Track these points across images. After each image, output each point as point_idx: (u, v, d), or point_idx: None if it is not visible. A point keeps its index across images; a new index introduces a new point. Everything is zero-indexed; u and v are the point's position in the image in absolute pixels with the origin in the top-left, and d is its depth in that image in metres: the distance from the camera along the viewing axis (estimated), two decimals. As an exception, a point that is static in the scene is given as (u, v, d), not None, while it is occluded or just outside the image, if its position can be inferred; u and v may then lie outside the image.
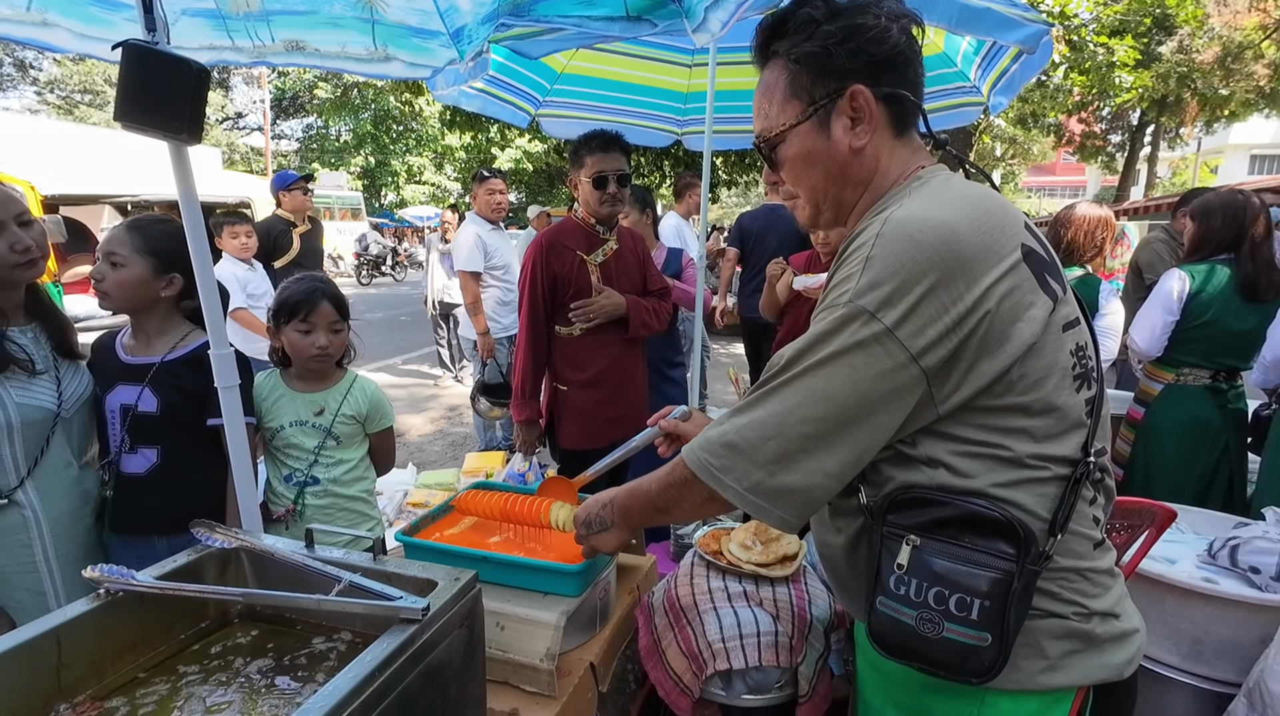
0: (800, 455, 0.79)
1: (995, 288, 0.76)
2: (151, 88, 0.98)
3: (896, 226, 0.78)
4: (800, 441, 0.79)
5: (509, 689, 1.21)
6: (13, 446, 1.38)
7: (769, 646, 1.22)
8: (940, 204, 0.81)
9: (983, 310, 0.76)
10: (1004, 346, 0.77)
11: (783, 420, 0.79)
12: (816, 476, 0.79)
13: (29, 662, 0.81)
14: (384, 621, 0.88)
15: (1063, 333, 0.82)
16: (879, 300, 0.76)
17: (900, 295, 0.75)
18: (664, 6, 1.60)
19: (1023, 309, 0.78)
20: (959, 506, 0.79)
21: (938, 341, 0.76)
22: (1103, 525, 0.87)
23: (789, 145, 0.93)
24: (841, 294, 0.79)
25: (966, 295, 0.75)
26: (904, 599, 0.81)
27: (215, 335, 1.20)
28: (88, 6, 1.64)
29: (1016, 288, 0.77)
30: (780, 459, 0.79)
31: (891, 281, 0.76)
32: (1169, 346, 2.62)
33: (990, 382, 0.78)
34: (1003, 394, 0.78)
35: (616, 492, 1.06)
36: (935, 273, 0.75)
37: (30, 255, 1.36)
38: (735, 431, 0.82)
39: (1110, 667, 0.83)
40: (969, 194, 0.84)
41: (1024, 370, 0.78)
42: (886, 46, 0.86)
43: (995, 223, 0.80)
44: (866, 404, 0.77)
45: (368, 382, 1.88)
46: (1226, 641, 1.94)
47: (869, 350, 0.76)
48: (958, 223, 0.77)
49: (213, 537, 1.04)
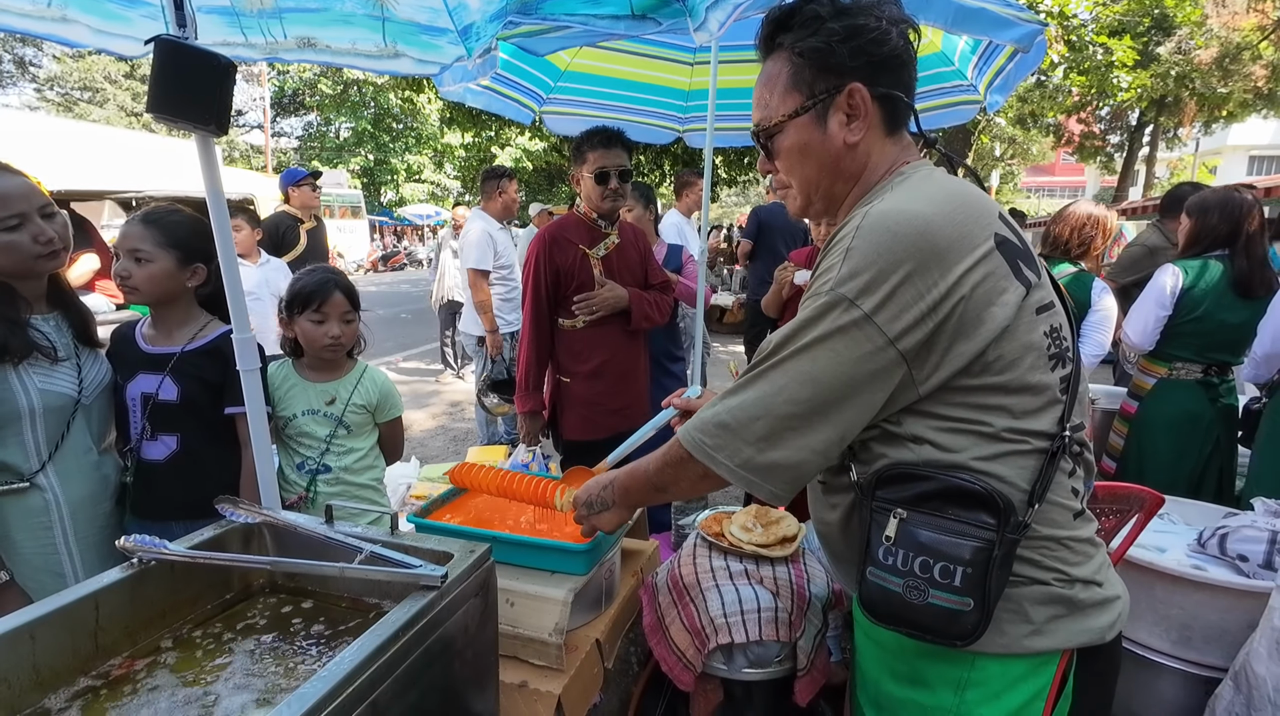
0: (788, 433, 0.84)
1: (969, 275, 0.81)
2: (182, 81, 1.03)
3: (875, 219, 0.83)
4: (787, 420, 0.84)
5: (518, 662, 1.26)
6: (35, 431, 1.42)
7: (769, 621, 1.27)
8: (918, 197, 0.86)
9: (957, 296, 0.81)
10: (979, 329, 0.82)
11: (771, 401, 0.84)
12: (803, 452, 0.84)
13: (70, 624, 0.86)
14: (403, 592, 0.93)
15: (1036, 315, 0.87)
16: (858, 288, 0.81)
17: (878, 283, 0.80)
18: (668, 5, 1.64)
19: (996, 294, 0.83)
20: (942, 481, 0.84)
21: (914, 325, 0.81)
22: (1082, 496, 0.92)
23: (786, 135, 0.97)
24: (824, 283, 0.84)
25: (941, 282, 0.80)
26: (892, 568, 0.86)
27: (238, 320, 1.24)
28: (105, 3, 1.68)
29: (990, 274, 0.82)
30: (769, 437, 0.84)
31: (869, 270, 0.81)
32: (1162, 341, 2.66)
33: (968, 363, 0.82)
34: (980, 373, 0.83)
35: (616, 474, 1.11)
36: (911, 262, 0.80)
37: (53, 247, 1.40)
38: (727, 412, 0.87)
39: (1092, 631, 0.87)
40: (946, 187, 0.89)
41: (1000, 351, 0.83)
42: (886, 48, 0.90)
43: (969, 214, 0.85)
44: (849, 385, 0.82)
45: (377, 373, 1.92)
46: (1214, 627, 1.99)
47: (849, 335, 0.81)
48: (933, 215, 0.82)
49: (236, 513, 1.09)
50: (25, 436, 1.41)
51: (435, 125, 20.74)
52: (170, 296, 1.60)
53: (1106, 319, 2.66)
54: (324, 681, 0.72)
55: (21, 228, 1.34)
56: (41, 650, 0.82)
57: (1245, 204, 2.53)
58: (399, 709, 0.83)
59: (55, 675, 0.84)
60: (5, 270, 1.37)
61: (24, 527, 1.42)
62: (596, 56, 3.20)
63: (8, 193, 1.34)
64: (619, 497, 1.10)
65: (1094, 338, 2.66)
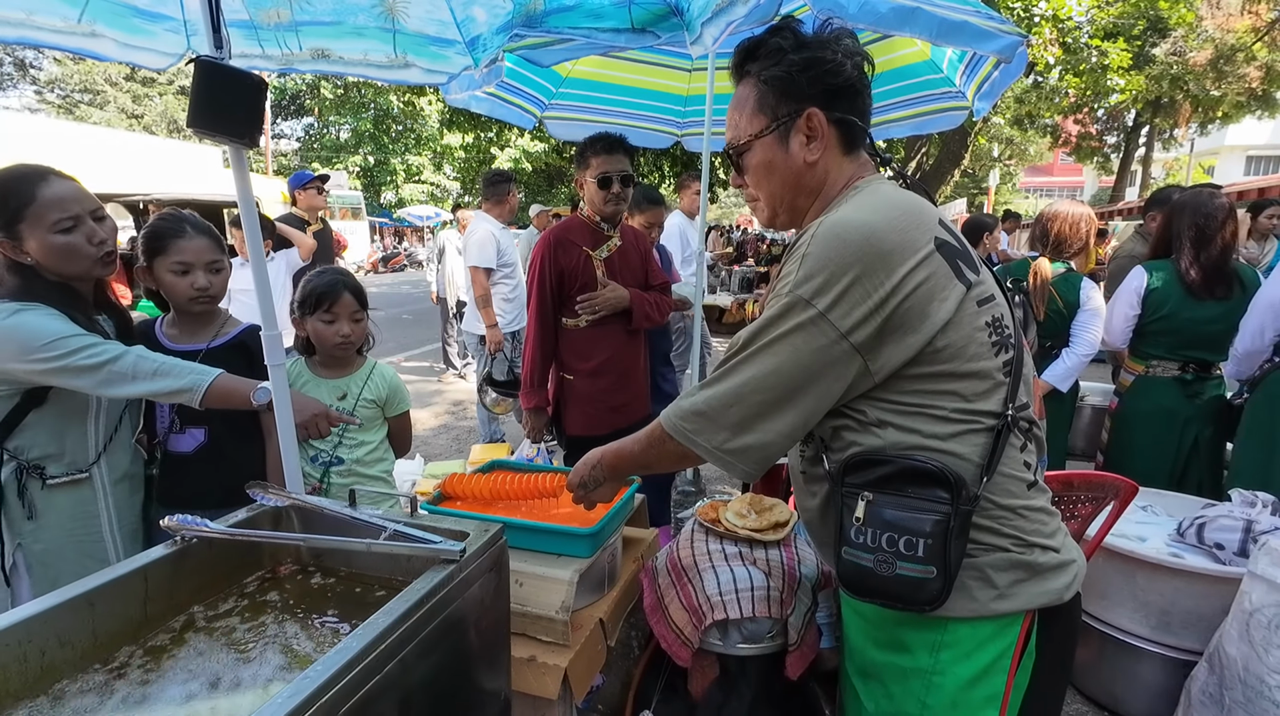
0: (757, 419, 0.95)
1: (912, 275, 0.91)
2: (219, 98, 1.11)
3: (827, 228, 0.94)
4: (757, 407, 0.95)
5: (527, 639, 1.34)
6: (96, 424, 1.49)
7: (761, 599, 1.35)
8: (865, 208, 0.96)
9: (902, 293, 0.91)
10: (924, 323, 0.92)
11: (741, 390, 0.96)
12: (770, 435, 0.96)
13: (124, 593, 0.95)
14: (423, 569, 1.01)
15: (978, 307, 0.97)
16: (813, 289, 0.91)
17: (830, 285, 0.91)
18: (666, 19, 1.74)
19: (938, 291, 0.93)
20: (899, 463, 0.94)
21: (863, 321, 0.91)
22: (1034, 468, 1.02)
23: (753, 154, 1.08)
24: (785, 285, 0.95)
25: (887, 282, 0.90)
26: (863, 546, 0.96)
27: (266, 318, 1.33)
28: (130, 19, 1.76)
29: (931, 274, 0.93)
30: (741, 422, 0.96)
31: (822, 273, 0.91)
32: (1136, 340, 2.76)
33: (916, 353, 0.93)
34: (930, 362, 0.93)
35: (603, 453, 1.21)
36: (859, 265, 0.90)
37: (106, 248, 1.45)
38: (704, 401, 0.99)
39: (1051, 592, 0.97)
40: (890, 198, 1.00)
41: (946, 341, 0.93)
42: (840, 78, 1.01)
43: (911, 221, 0.95)
44: (808, 375, 0.93)
45: (386, 369, 2.00)
46: (1192, 613, 2.07)
47: (806, 331, 0.92)
48: (877, 223, 0.93)
49: (266, 496, 1.17)
50: (89, 428, 1.48)
51: (435, 126, 20.83)
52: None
53: (1095, 317, 2.73)
54: (359, 639, 0.81)
55: (76, 229, 1.39)
56: (99, 616, 0.91)
57: (1214, 207, 2.58)
58: (424, 667, 0.91)
59: (111, 638, 0.93)
60: (65, 272, 1.42)
61: (75, 516, 1.48)
62: (597, 64, 3.29)
63: (63, 196, 1.38)
64: (609, 473, 1.21)
65: (1083, 336, 2.74)
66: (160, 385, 1.36)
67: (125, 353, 1.37)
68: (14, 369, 1.33)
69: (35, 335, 1.31)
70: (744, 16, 1.51)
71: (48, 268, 1.40)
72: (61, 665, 0.87)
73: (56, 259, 1.39)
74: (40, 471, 1.42)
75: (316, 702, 0.72)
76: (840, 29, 1.05)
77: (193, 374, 1.40)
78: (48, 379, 1.35)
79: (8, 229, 1.36)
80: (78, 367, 1.32)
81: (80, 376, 1.33)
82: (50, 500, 1.44)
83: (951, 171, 10.20)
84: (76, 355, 1.32)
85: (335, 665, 0.77)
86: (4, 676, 0.82)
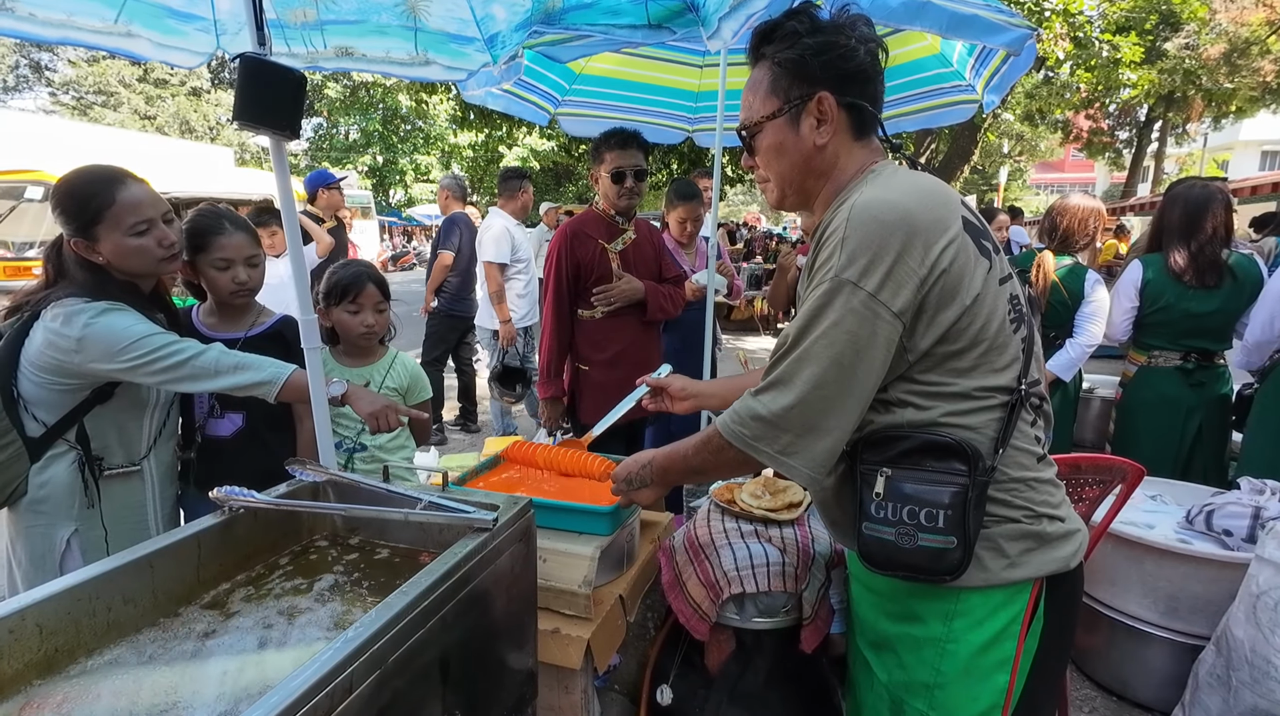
0: (821, 417, 0.93)
1: (946, 251, 0.94)
2: (263, 92, 1.17)
3: (862, 209, 0.94)
4: (821, 403, 0.93)
5: (551, 612, 1.40)
6: (151, 418, 1.56)
7: (776, 575, 1.40)
8: (894, 188, 0.97)
9: (940, 269, 0.93)
10: (956, 298, 0.95)
11: (802, 389, 0.93)
12: (835, 432, 0.94)
13: (180, 557, 1.01)
14: (455, 541, 1.06)
15: (1000, 285, 1.00)
16: (859, 271, 0.91)
17: (876, 265, 0.91)
18: (682, 15, 1.78)
19: (969, 267, 0.96)
20: (917, 438, 0.97)
21: (910, 299, 0.92)
22: (1043, 442, 1.05)
23: (765, 135, 1.10)
24: (827, 272, 0.94)
25: (926, 258, 0.92)
26: (883, 520, 0.98)
27: (303, 303, 1.39)
28: (165, 19, 1.83)
29: (962, 250, 0.96)
30: (805, 423, 0.93)
31: (866, 254, 0.91)
32: (1139, 331, 2.78)
33: (947, 330, 0.95)
34: (957, 339, 0.96)
35: (655, 454, 1.19)
36: (900, 244, 0.91)
37: (174, 250, 1.51)
38: (762, 405, 0.96)
39: (1059, 560, 1.01)
40: (914, 180, 1.02)
41: (972, 317, 0.96)
42: (853, 63, 1.03)
43: (938, 200, 0.98)
44: (865, 359, 0.92)
45: (408, 359, 2.06)
46: (1200, 598, 2.10)
47: (859, 314, 0.91)
48: (910, 202, 0.94)
49: (305, 472, 1.23)
50: (145, 422, 1.55)
51: (444, 125, 20.93)
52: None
53: (1099, 310, 2.76)
54: (403, 596, 0.86)
55: (149, 232, 1.44)
56: (159, 577, 0.97)
57: (1205, 198, 2.59)
58: (461, 629, 0.97)
59: (170, 599, 0.99)
60: (134, 271, 1.47)
61: (126, 505, 1.54)
62: (609, 60, 3.33)
63: (139, 200, 1.43)
64: (657, 477, 1.19)
65: (1086, 328, 2.77)
66: (241, 378, 1.41)
67: (205, 349, 1.43)
68: (98, 368, 1.37)
69: (121, 337, 1.36)
70: (763, 9, 1.55)
71: (117, 267, 1.45)
72: (125, 621, 0.93)
73: (128, 260, 1.44)
74: (100, 462, 1.47)
75: (367, 651, 0.78)
76: (856, 15, 1.07)
77: (272, 367, 1.44)
78: (130, 377, 1.39)
79: (85, 230, 1.40)
80: (162, 367, 1.37)
81: (163, 374, 1.38)
82: (107, 490, 1.49)
83: (961, 167, 10.17)
84: (160, 354, 1.37)
85: (382, 619, 0.82)
86: (76, 630, 0.88)
